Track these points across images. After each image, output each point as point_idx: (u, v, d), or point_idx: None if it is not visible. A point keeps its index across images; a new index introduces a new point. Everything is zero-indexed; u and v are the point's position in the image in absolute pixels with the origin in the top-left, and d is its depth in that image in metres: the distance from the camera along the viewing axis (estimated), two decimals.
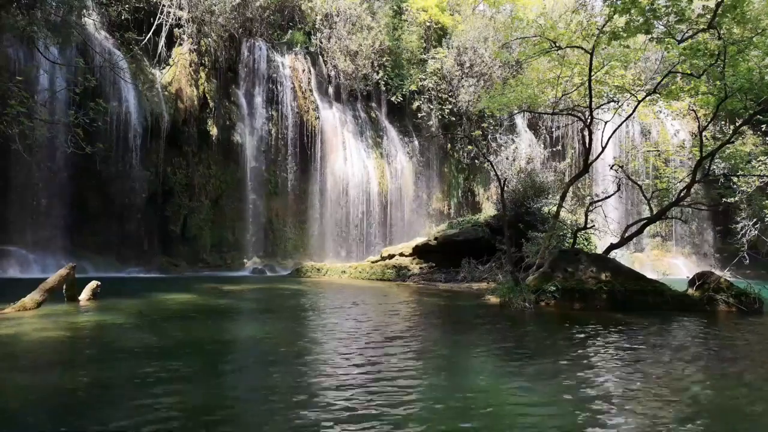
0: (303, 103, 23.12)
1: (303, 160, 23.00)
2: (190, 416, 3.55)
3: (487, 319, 8.73)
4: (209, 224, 20.72)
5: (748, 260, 20.34)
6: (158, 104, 19.12)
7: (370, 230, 23.97)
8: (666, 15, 10.40)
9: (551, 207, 16.25)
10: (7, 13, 13.75)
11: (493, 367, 5.14)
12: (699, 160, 11.94)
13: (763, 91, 10.58)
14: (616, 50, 12.54)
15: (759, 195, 19.08)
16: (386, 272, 16.95)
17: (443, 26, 27.58)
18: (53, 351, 5.57)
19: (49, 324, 6.78)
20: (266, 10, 23.12)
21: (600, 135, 14.20)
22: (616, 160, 20.00)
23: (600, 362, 5.44)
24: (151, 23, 19.68)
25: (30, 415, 3.59)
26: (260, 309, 9.96)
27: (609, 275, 10.09)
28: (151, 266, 18.14)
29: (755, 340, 7.29)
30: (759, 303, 9.63)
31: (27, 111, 12.01)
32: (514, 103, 15.66)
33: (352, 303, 10.66)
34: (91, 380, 4.35)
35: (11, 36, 15.15)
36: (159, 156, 19.07)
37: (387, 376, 4.61)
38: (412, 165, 26.33)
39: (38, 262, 15.86)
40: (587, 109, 12.67)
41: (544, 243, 12.56)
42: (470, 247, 16.62)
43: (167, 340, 6.16)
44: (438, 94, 26.25)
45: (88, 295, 9.06)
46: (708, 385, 4.69)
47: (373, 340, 6.43)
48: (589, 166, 13.69)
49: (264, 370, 4.97)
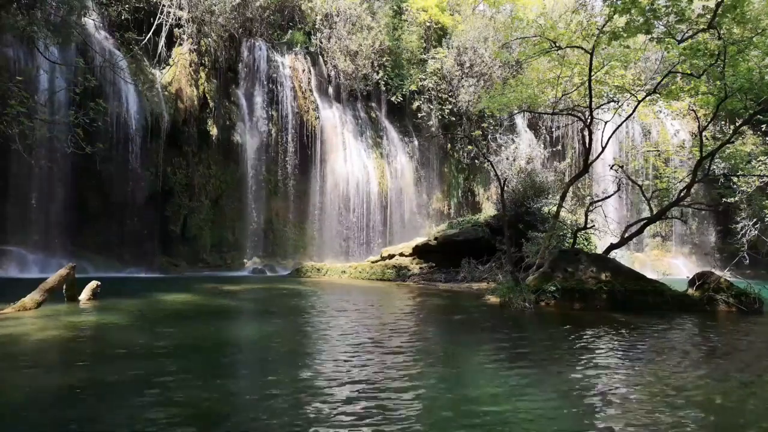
0: (303, 103, 23.12)
1: (303, 160, 23.00)
2: (191, 416, 3.55)
3: (487, 319, 8.73)
4: (209, 224, 20.72)
5: (748, 260, 20.35)
6: (158, 104, 19.11)
7: (370, 230, 23.97)
8: (666, 15, 10.40)
9: (551, 207, 16.24)
10: (7, 13, 13.75)
11: (493, 367, 5.14)
12: (699, 160, 11.94)
13: (763, 91, 10.58)
14: (616, 50, 12.54)
15: (759, 195, 19.08)
16: (386, 272, 16.95)
17: (443, 26, 27.58)
18: (53, 351, 5.57)
19: (49, 324, 6.78)
20: (266, 10, 23.11)
21: (600, 135, 14.20)
22: (616, 160, 20.03)
23: (600, 362, 5.44)
24: (151, 23, 19.67)
25: (30, 415, 3.59)
26: (260, 309, 9.96)
27: (609, 275, 10.09)
28: (151, 266, 18.13)
29: (755, 340, 7.29)
30: (759, 303, 9.63)
31: (27, 111, 12.01)
32: (514, 103, 15.66)
33: (352, 303, 10.66)
34: (91, 380, 4.35)
35: (11, 36, 15.15)
36: (159, 156, 19.06)
37: (386, 376, 4.61)
38: (412, 165, 26.32)
39: (38, 262, 15.85)
40: (587, 109, 12.67)
41: (544, 243, 12.56)
42: (470, 247, 16.62)
43: (167, 340, 6.16)
44: (438, 94, 26.25)
45: (88, 295, 9.05)
46: (708, 385, 4.68)
47: (373, 341, 6.43)
48: (589, 166, 13.69)
49: (264, 370, 4.97)
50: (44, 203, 16.84)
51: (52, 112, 15.45)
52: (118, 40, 19.12)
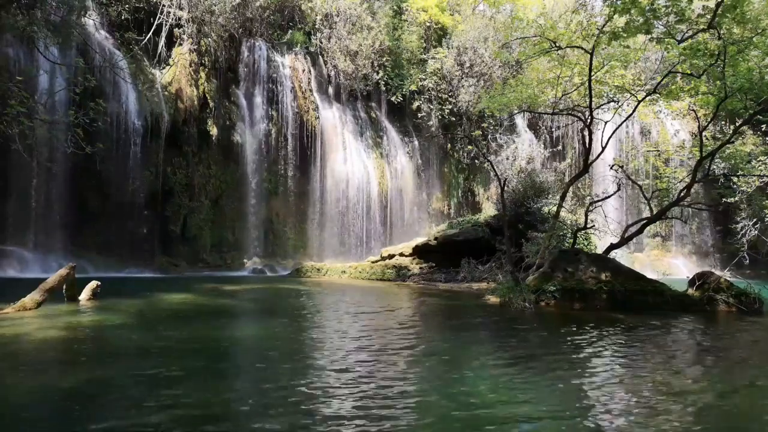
0: (303, 103, 23.12)
1: (303, 160, 23.01)
2: (191, 416, 3.55)
3: (487, 319, 8.73)
4: (209, 224, 20.73)
5: (748, 260, 20.35)
6: (158, 104, 19.11)
7: (370, 230, 23.97)
8: (666, 15, 10.40)
9: (551, 207, 16.24)
10: (7, 13, 13.75)
11: (493, 367, 5.14)
12: (699, 160, 11.94)
13: (763, 91, 10.58)
14: (616, 50, 12.53)
15: (759, 195, 19.08)
16: (386, 272, 16.95)
17: (443, 26, 27.59)
18: (53, 351, 5.57)
19: (49, 324, 6.78)
20: (266, 10, 23.12)
21: (600, 135, 14.18)
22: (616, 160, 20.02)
23: (600, 363, 5.44)
24: (151, 23, 19.68)
25: (30, 415, 3.59)
26: (260, 309, 9.96)
27: (609, 275, 10.09)
28: (151, 266, 18.13)
29: (755, 340, 7.29)
30: (759, 303, 9.62)
31: (27, 111, 12.02)
32: (514, 103, 15.65)
33: (352, 303, 10.66)
34: (91, 380, 4.35)
35: (11, 36, 15.16)
36: (159, 156, 19.07)
37: (386, 376, 4.61)
38: (412, 165, 26.33)
39: (38, 262, 15.85)
40: (587, 109, 12.67)
41: (544, 243, 12.56)
42: (470, 247, 16.62)
43: (167, 340, 6.16)
44: (438, 94, 26.26)
45: (88, 295, 9.05)
46: (708, 385, 4.69)
47: (373, 341, 6.43)
48: (589, 166, 13.69)
49: (264, 370, 4.97)
50: (44, 203, 16.85)
51: (52, 112, 15.45)
52: (118, 40, 19.13)
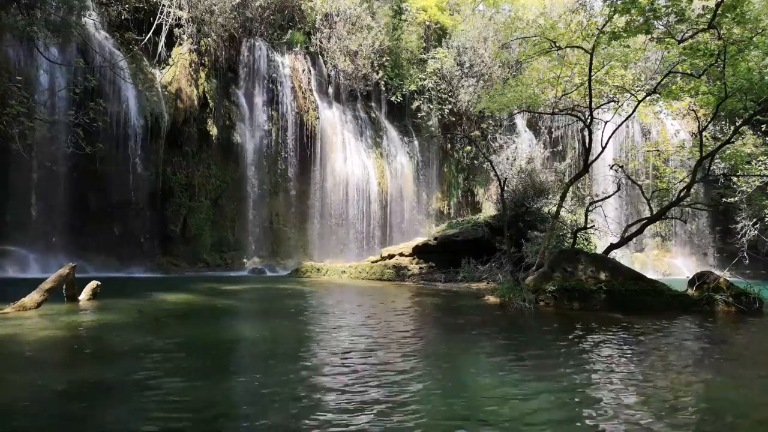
0: (303, 103, 23.13)
1: (303, 160, 23.01)
2: (191, 416, 3.55)
3: (486, 319, 8.73)
4: (209, 224, 20.74)
5: (748, 260, 20.37)
6: (158, 104, 19.12)
7: (370, 230, 23.98)
8: (666, 15, 10.41)
9: (551, 207, 16.24)
10: (7, 13, 13.75)
11: (492, 367, 5.14)
12: (699, 160, 11.94)
13: (763, 91, 10.58)
14: (616, 50, 12.54)
15: (759, 195, 19.08)
16: (386, 272, 16.95)
17: (443, 26, 27.59)
18: (53, 351, 5.57)
19: (49, 324, 6.78)
20: (266, 10, 23.12)
21: (600, 135, 14.18)
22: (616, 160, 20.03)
23: (599, 363, 5.44)
24: (151, 23, 19.68)
25: (30, 416, 3.59)
26: (260, 309, 9.96)
27: (608, 275, 10.09)
28: (151, 266, 18.14)
29: (755, 340, 7.30)
30: (759, 303, 9.62)
31: (27, 111, 12.04)
32: (514, 103, 15.66)
33: (352, 303, 10.66)
34: (91, 380, 4.35)
35: (11, 36, 15.16)
36: (159, 156, 19.07)
37: (386, 376, 4.61)
38: (412, 165, 26.34)
39: (38, 262, 15.86)
40: (587, 109, 12.67)
41: (544, 243, 12.55)
42: (470, 247, 16.62)
43: (167, 340, 6.16)
44: (438, 94, 26.26)
45: (88, 295, 9.06)
46: (707, 385, 4.69)
47: (373, 340, 6.43)
48: (589, 166, 13.68)
49: (264, 370, 4.97)
50: (44, 203, 16.85)
51: (52, 112, 15.46)
52: (118, 40, 19.12)
